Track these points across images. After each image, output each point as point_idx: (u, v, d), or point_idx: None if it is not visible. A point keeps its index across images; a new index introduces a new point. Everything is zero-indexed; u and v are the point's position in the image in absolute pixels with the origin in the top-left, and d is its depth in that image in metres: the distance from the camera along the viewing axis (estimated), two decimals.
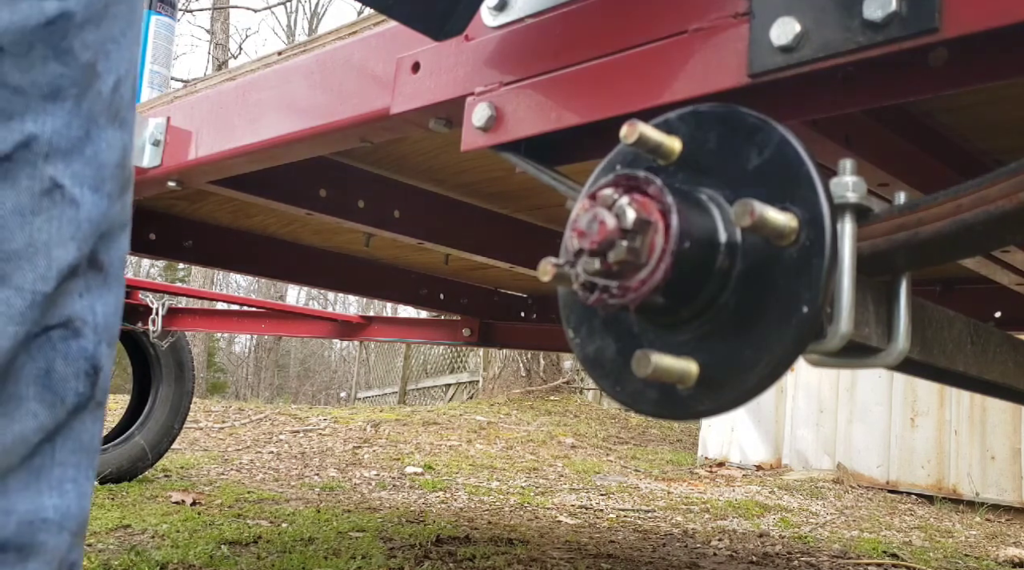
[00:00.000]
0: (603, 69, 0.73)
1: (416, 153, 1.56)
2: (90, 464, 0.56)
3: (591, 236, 0.50)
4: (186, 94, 1.35)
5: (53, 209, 0.52)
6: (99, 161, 0.55)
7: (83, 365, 0.55)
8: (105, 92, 0.56)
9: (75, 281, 0.54)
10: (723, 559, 2.67)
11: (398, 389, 11.67)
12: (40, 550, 0.52)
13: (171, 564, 2.02)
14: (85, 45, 0.54)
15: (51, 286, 0.52)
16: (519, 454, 5.36)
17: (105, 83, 0.56)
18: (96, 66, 0.55)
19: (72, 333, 0.54)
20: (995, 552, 3.46)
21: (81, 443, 0.55)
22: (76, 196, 0.53)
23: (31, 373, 0.52)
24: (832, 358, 0.54)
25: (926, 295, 1.87)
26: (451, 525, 2.86)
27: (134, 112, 0.60)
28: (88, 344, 0.55)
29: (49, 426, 0.53)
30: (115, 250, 0.57)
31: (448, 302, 2.55)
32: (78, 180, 0.54)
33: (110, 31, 0.56)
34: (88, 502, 0.56)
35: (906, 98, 0.70)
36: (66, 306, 0.54)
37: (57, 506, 0.53)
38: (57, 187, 0.53)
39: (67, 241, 0.53)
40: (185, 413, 3.41)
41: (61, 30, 0.52)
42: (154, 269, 19.67)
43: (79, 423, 0.55)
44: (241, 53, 19.10)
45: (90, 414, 0.56)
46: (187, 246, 2.02)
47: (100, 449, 0.59)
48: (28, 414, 0.52)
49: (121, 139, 0.58)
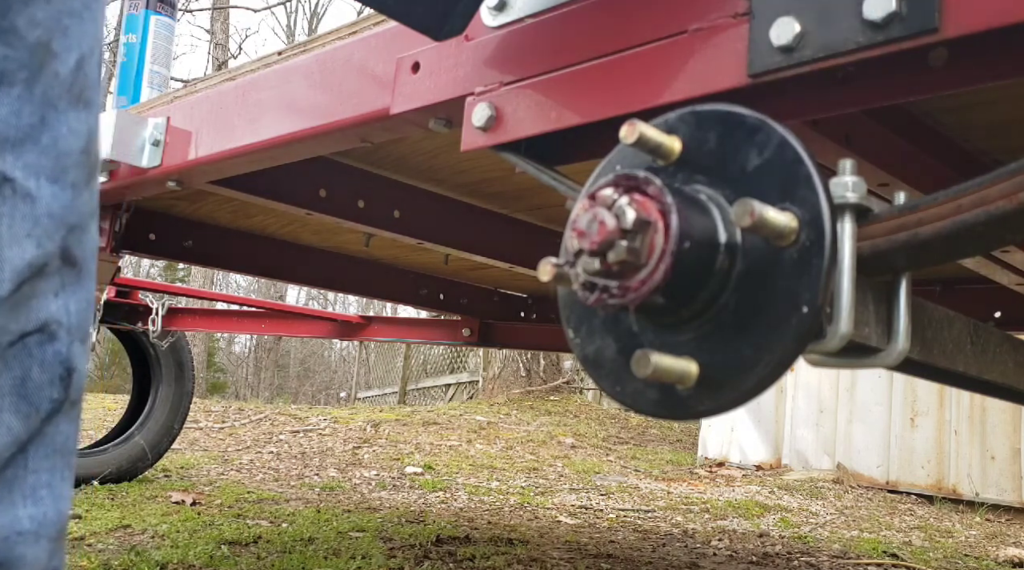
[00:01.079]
0: (603, 69, 0.73)
1: (416, 153, 1.56)
2: (66, 465, 0.53)
3: (591, 236, 0.50)
4: (186, 94, 1.35)
5: (2, 205, 0.48)
6: (59, 149, 0.51)
7: (58, 370, 0.51)
8: (64, 73, 0.51)
9: (48, 280, 0.50)
10: (723, 559, 2.67)
11: (398, 389, 11.67)
12: (19, 564, 0.49)
13: (171, 564, 2.02)
14: (33, 22, 0.49)
15: (6, 290, 0.48)
16: (519, 454, 5.36)
17: (64, 63, 0.51)
18: (50, 44, 0.50)
19: (48, 337, 0.51)
20: (995, 552, 3.46)
21: (55, 447, 0.52)
22: (31, 189, 0.49)
23: (6, 384, 0.49)
24: (832, 358, 0.54)
25: (926, 295, 1.87)
26: (451, 525, 2.86)
27: (99, 92, 0.56)
28: (63, 347, 0.52)
29: (23, 437, 0.50)
30: (87, 242, 0.54)
31: (448, 302, 2.55)
32: (32, 171, 0.49)
33: (68, 4, 0.51)
34: (66, 504, 0.53)
35: (906, 98, 0.70)
36: (41, 309, 0.50)
37: (33, 515, 0.50)
38: (6, 181, 0.48)
39: (22, 239, 0.49)
40: (185, 413, 3.41)
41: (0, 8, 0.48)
42: (154, 269, 19.67)
43: (53, 428, 0.51)
44: (241, 53, 19.11)
45: (64, 416, 0.52)
46: (187, 246, 2.02)
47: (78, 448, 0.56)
48: (1, 428, 0.48)
49: (86, 122, 0.53)
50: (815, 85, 0.71)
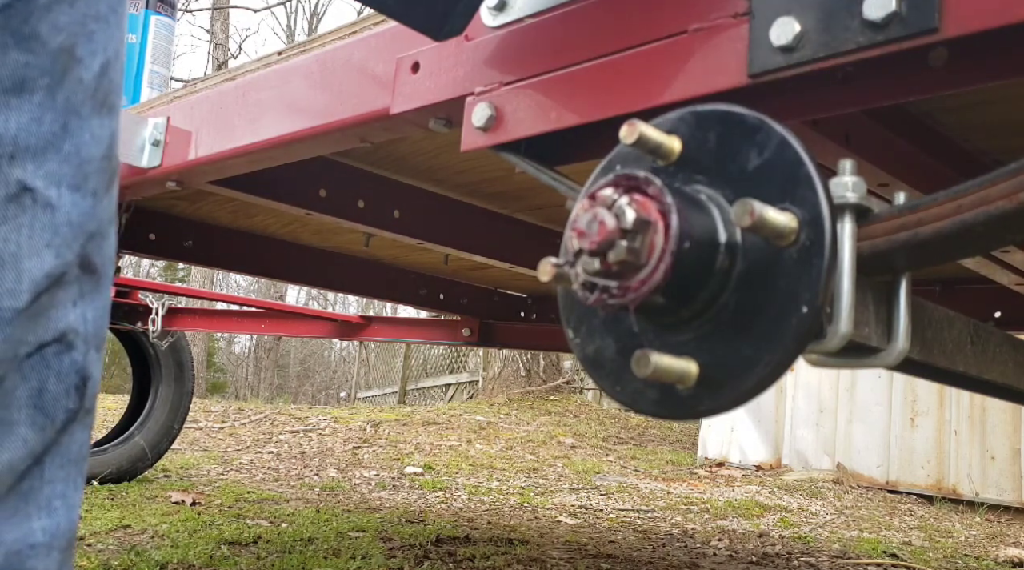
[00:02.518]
0: (603, 69, 0.73)
1: (416, 153, 1.56)
2: (79, 472, 0.52)
3: (591, 236, 0.50)
4: (186, 94, 1.35)
5: (22, 216, 0.47)
6: (81, 157, 0.50)
7: (74, 379, 0.51)
8: (88, 78, 0.50)
9: (66, 289, 0.49)
10: (723, 559, 2.67)
11: (398, 389, 11.67)
12: None
13: (171, 564, 2.02)
14: (56, 28, 0.48)
15: (23, 301, 0.47)
16: (519, 454, 5.36)
17: (88, 68, 0.50)
18: (74, 50, 0.49)
19: (66, 347, 0.50)
20: (995, 552, 3.46)
21: (70, 456, 0.51)
22: (51, 198, 0.48)
23: (23, 395, 0.47)
24: (832, 358, 0.54)
25: (926, 295, 1.87)
26: (451, 525, 2.86)
27: (122, 96, 0.55)
28: (79, 356, 0.51)
29: (38, 450, 0.49)
30: (106, 249, 0.53)
31: (448, 302, 2.55)
32: (53, 180, 0.48)
33: (93, 8, 0.50)
34: (77, 512, 0.52)
35: (906, 98, 0.70)
36: (60, 319, 0.49)
37: (46, 527, 0.49)
38: (26, 190, 0.47)
39: (41, 249, 0.48)
40: (185, 413, 3.41)
41: (21, 13, 0.46)
42: (154, 269, 19.67)
43: (68, 437, 0.51)
44: (241, 53, 19.12)
45: (79, 424, 0.52)
46: (187, 246, 2.02)
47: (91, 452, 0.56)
48: (18, 440, 0.47)
49: (109, 128, 0.52)
50: (815, 85, 0.71)
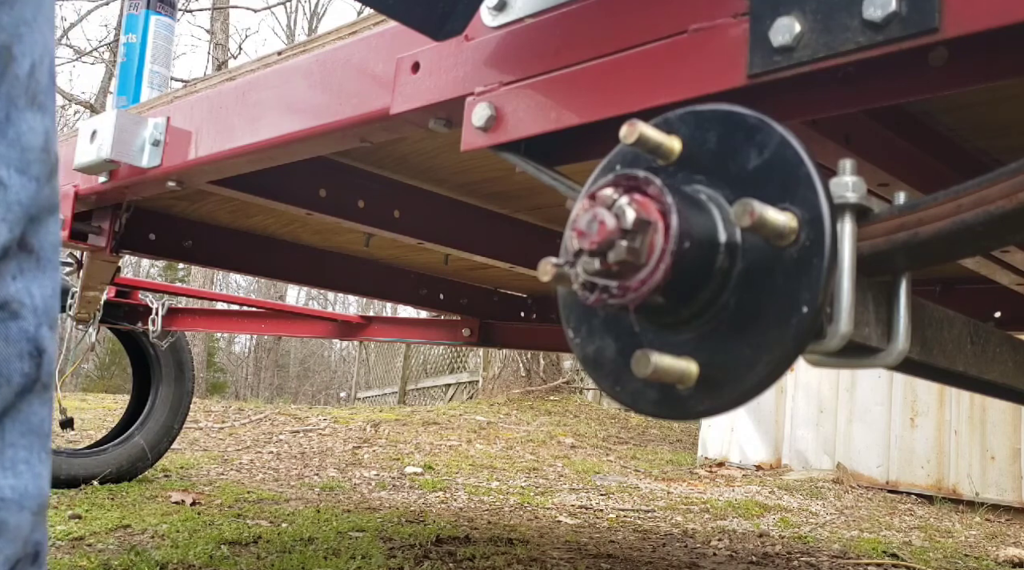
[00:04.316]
0: (603, 69, 0.73)
1: (416, 153, 1.56)
2: (43, 447, 0.57)
3: (591, 236, 0.50)
4: (186, 94, 1.35)
5: None
6: (23, 143, 0.55)
7: (26, 346, 0.55)
8: (22, 75, 0.55)
9: (6, 263, 0.54)
10: (723, 559, 2.67)
11: (398, 389, 11.67)
12: (2, 528, 0.53)
13: (171, 564, 2.02)
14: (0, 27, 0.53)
15: None
16: (519, 454, 5.36)
17: (21, 66, 0.55)
18: (11, 49, 0.54)
19: (10, 315, 0.54)
20: (995, 552, 3.46)
21: (31, 425, 0.56)
22: (3, 177, 0.53)
23: None
24: (832, 358, 0.54)
25: (926, 295, 1.87)
26: (451, 525, 2.86)
27: (53, 98, 0.60)
28: (29, 326, 0.55)
29: None
30: (44, 234, 0.58)
31: (448, 302, 2.55)
32: (3, 161, 0.53)
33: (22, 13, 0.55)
34: (46, 484, 0.57)
35: (906, 98, 0.70)
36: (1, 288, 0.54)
37: (14, 486, 0.54)
38: None
39: None
40: (185, 413, 3.41)
41: None
42: (154, 269, 19.67)
43: (27, 405, 0.55)
44: (241, 53, 19.10)
45: (37, 397, 0.56)
46: (187, 246, 2.02)
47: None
48: None
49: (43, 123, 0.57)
50: (815, 85, 0.71)
